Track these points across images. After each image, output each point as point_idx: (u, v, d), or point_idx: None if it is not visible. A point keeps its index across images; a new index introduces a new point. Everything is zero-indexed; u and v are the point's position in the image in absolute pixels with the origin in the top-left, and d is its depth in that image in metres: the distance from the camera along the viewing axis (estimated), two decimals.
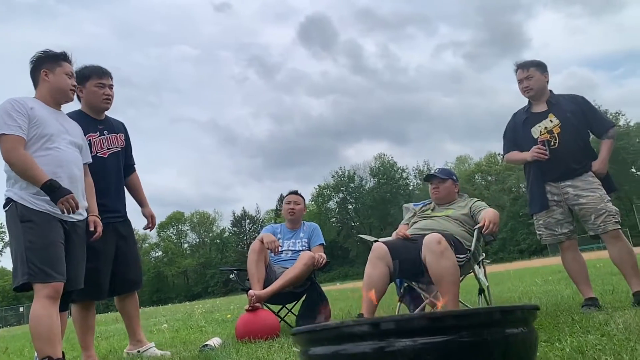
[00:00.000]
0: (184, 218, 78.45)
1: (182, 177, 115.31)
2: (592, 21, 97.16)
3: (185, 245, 78.36)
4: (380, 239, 3.66)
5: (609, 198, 3.26)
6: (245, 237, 72.90)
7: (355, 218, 66.41)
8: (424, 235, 3.26)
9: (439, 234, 3.07)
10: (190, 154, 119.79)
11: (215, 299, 31.39)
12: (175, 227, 78.07)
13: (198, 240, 78.62)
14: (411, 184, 67.99)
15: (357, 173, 68.04)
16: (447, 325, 0.67)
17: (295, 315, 4.09)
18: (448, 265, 2.94)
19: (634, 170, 47.70)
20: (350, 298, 8.80)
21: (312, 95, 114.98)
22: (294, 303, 4.11)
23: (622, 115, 47.54)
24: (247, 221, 74.20)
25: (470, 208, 3.53)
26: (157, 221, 3.65)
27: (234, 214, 74.55)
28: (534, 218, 3.48)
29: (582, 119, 3.39)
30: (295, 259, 3.83)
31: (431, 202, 3.83)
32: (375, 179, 66.43)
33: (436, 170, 3.79)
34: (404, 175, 67.36)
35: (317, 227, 4.23)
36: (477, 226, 3.25)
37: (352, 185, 67.20)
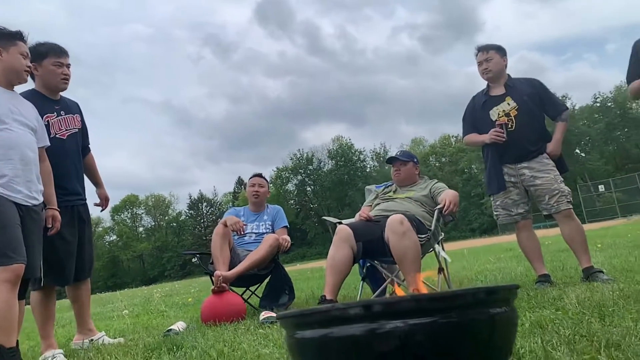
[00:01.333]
0: (138, 201, 76.52)
1: (135, 159, 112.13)
2: (542, 6, 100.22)
3: (141, 229, 76.64)
4: (343, 221, 3.71)
5: (562, 179, 3.41)
6: (202, 220, 71.99)
7: (314, 200, 66.72)
8: (387, 216, 3.32)
9: (402, 215, 3.13)
10: (144, 136, 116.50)
11: (173, 282, 30.98)
12: (129, 211, 76.09)
13: (153, 223, 76.99)
14: (368, 166, 68.81)
15: (316, 155, 68.18)
16: (436, 306, 0.69)
17: (258, 297, 4.10)
18: (410, 245, 3.01)
19: (578, 151, 50.07)
20: (310, 278, 8.88)
21: (269, 76, 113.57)
22: (257, 285, 4.11)
23: (568, 98, 49.52)
24: (204, 204, 73.16)
25: (430, 189, 3.62)
26: (111, 204, 3.53)
27: (190, 196, 73.27)
28: (492, 199, 3.60)
29: (537, 102, 3.51)
30: (259, 242, 3.82)
31: (393, 184, 3.90)
32: (333, 161, 66.78)
33: (398, 153, 3.85)
34: (362, 157, 68.03)
35: (281, 209, 4.23)
36: (437, 207, 3.34)
37: (310, 167, 67.30)
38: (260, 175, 4.29)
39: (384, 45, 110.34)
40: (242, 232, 3.82)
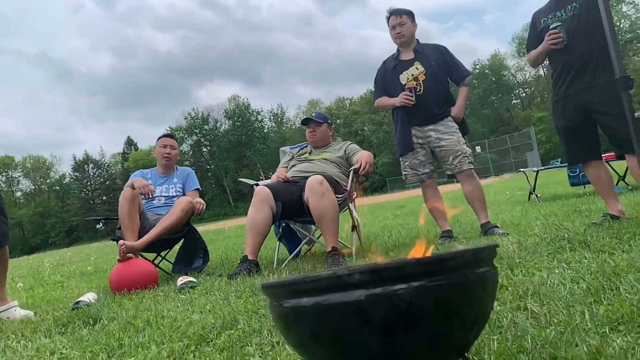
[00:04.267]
0: (14, 163, 69.14)
1: (8, 117, 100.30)
2: None
3: (19, 194, 69.68)
4: (260, 182, 3.67)
5: (464, 140, 3.66)
6: (89, 183, 67.14)
7: (210, 161, 65.12)
8: (304, 177, 3.35)
9: (321, 175, 3.18)
10: (17, 91, 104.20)
11: (60, 250, 28.73)
12: (4, 174, 68.55)
13: (33, 187, 70.34)
14: (266, 126, 68.39)
15: (212, 115, 66.20)
16: (440, 268, 0.71)
17: (170, 262, 3.97)
18: (329, 204, 3.08)
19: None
20: (214, 240, 8.77)
21: (158, 29, 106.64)
22: (168, 250, 3.97)
23: None
24: (91, 166, 68.10)
25: (345, 150, 3.70)
26: None
27: (74, 158, 67.72)
28: (401, 159, 3.77)
29: (443, 67, 3.69)
30: (170, 205, 3.67)
31: (307, 146, 3.92)
32: (231, 122, 65.39)
33: (313, 114, 3.86)
34: (259, 117, 67.35)
35: (192, 171, 4.06)
36: (353, 167, 3.43)
37: (206, 127, 65.29)
38: (171, 136, 4.07)
39: (279, 3, 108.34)
40: (151, 196, 3.64)
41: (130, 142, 72.44)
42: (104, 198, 65.83)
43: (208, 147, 66.02)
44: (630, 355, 0.98)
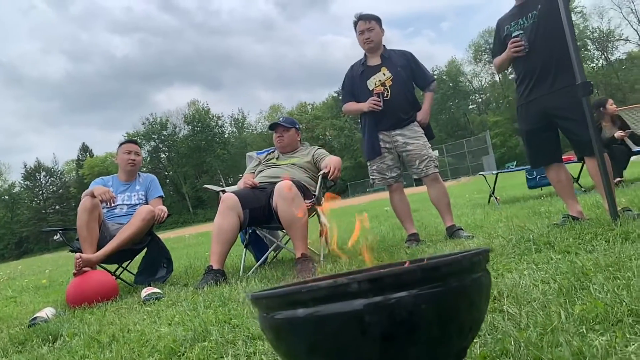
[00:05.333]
0: None
1: None
2: None
3: None
4: (226, 189, 3.60)
5: (430, 145, 3.71)
6: (41, 192, 64.39)
7: (169, 167, 63.76)
8: (272, 183, 3.31)
9: (289, 181, 3.14)
10: None
11: (9, 263, 27.36)
12: None
13: None
14: (227, 131, 67.62)
15: (170, 120, 64.89)
16: (439, 274, 0.69)
17: (131, 273, 3.83)
18: (298, 210, 3.04)
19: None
20: (175, 248, 8.55)
21: (115, 33, 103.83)
22: (129, 261, 3.83)
23: None
24: (43, 174, 65.35)
25: (313, 155, 3.68)
26: None
27: (25, 165, 64.80)
28: (368, 164, 3.78)
29: (409, 73, 3.73)
30: (132, 214, 3.53)
31: (275, 151, 3.87)
32: (190, 127, 64.28)
33: (280, 119, 3.82)
34: (220, 122, 66.52)
35: (155, 178, 3.93)
36: (322, 172, 3.41)
37: (164, 133, 63.92)
38: (135, 142, 3.93)
39: (239, 8, 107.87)
40: (112, 204, 3.49)
41: (85, 149, 70.08)
42: (57, 207, 63.33)
43: (166, 153, 64.65)
44: (612, 354, 0.99)
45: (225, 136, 66.28)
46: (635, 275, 1.54)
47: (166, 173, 63.01)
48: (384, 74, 3.67)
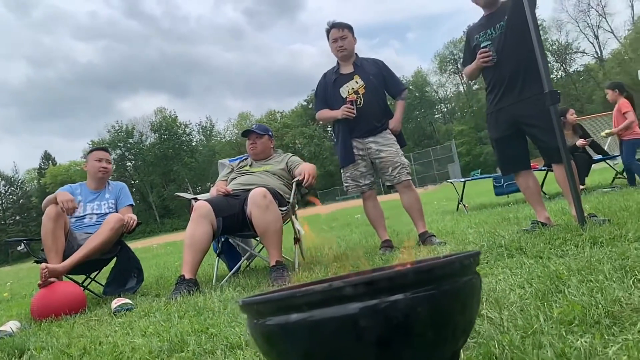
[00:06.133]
0: None
1: None
2: None
3: None
4: (199, 197, 3.54)
5: (402, 152, 3.75)
6: (0, 202, 61.86)
7: (135, 176, 62.43)
8: (246, 190, 3.27)
9: (264, 188, 3.11)
10: None
11: None
12: None
13: None
14: (194, 139, 66.82)
15: (137, 128, 63.68)
16: (434, 276, 0.69)
17: (99, 283, 3.71)
18: (273, 218, 3.02)
19: None
20: (143, 258, 8.34)
21: (78, 39, 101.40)
22: (97, 271, 3.71)
23: None
24: (2, 183, 62.88)
25: (287, 163, 3.66)
26: None
27: None
28: (342, 171, 3.79)
29: (381, 81, 3.77)
30: (101, 224, 3.43)
31: (248, 158, 3.84)
32: (157, 135, 63.23)
33: (253, 126, 3.80)
34: (187, 130, 65.69)
35: (125, 186, 3.83)
36: (296, 179, 3.39)
37: (131, 141, 62.64)
38: (106, 150, 3.82)
39: (208, 15, 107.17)
40: (72, 213, 3.32)
41: (47, 157, 67.93)
42: (17, 218, 61.04)
43: (133, 162, 63.35)
44: (594, 355, 1.01)
45: (193, 144, 65.50)
46: (607, 278, 1.59)
47: (132, 182, 61.62)
48: (357, 82, 3.70)
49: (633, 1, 48.46)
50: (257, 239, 3.67)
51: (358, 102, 3.64)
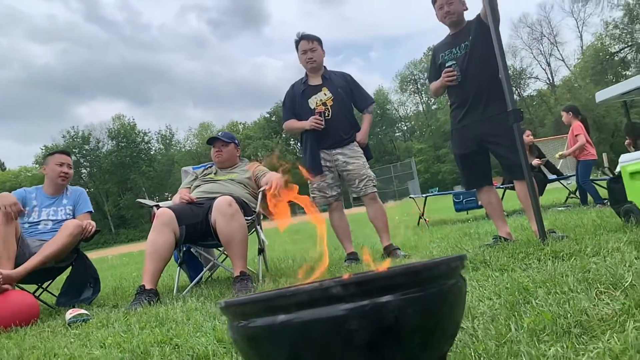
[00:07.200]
0: None
1: None
2: (322, 7, 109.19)
3: None
4: (161, 204, 3.45)
5: (368, 165, 3.78)
6: None
7: (90, 183, 60.32)
8: (210, 198, 3.21)
9: (229, 196, 3.06)
10: None
11: None
12: None
13: None
14: (153, 148, 65.42)
15: (93, 134, 61.80)
16: (423, 277, 0.68)
17: (52, 294, 3.53)
18: (237, 227, 2.97)
19: None
20: (99, 269, 8.02)
21: (35, 41, 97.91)
22: (50, 281, 3.53)
23: None
24: None
25: (253, 172, 3.62)
26: None
27: None
28: (309, 182, 3.78)
29: (349, 94, 3.82)
30: (58, 231, 3.27)
31: (212, 166, 3.78)
32: (114, 142, 61.52)
33: (219, 134, 3.74)
34: (146, 139, 64.24)
35: (84, 192, 3.67)
36: (263, 188, 3.35)
37: (87, 147, 60.68)
38: (68, 153, 3.66)
39: (171, 23, 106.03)
40: (16, 217, 3.12)
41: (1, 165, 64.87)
42: None
43: (88, 169, 61.31)
44: None
45: (152, 153, 64.09)
46: (572, 290, 1.63)
47: (87, 190, 59.28)
48: (325, 94, 3.72)
49: (582, 32, 51.24)
50: (221, 248, 3.59)
51: (326, 114, 3.66)
